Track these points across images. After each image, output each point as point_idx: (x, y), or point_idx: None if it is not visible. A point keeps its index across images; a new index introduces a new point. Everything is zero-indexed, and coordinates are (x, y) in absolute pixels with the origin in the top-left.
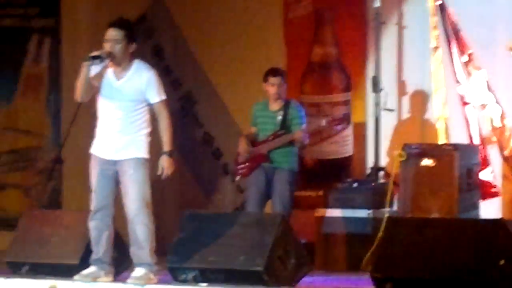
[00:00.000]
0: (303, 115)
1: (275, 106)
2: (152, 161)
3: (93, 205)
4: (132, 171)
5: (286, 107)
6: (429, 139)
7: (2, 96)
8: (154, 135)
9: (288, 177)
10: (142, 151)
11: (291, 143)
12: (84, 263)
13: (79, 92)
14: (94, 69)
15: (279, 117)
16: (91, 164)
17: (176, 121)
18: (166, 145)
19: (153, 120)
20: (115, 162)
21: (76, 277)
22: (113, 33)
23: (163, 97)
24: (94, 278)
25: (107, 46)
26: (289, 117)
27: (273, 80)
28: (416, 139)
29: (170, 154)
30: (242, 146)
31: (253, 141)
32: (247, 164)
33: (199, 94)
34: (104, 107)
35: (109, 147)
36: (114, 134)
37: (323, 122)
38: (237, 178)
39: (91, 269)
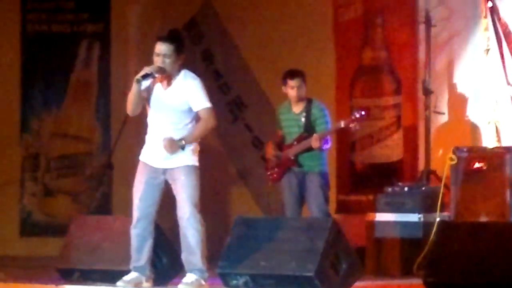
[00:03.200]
0: (326, 114)
1: (297, 107)
2: (201, 170)
3: (136, 212)
4: (184, 178)
5: (308, 107)
6: (480, 142)
7: (52, 102)
8: (201, 142)
9: (320, 181)
10: (191, 159)
11: None
12: None
13: (130, 107)
14: (145, 83)
15: (303, 119)
16: (138, 171)
17: (226, 125)
18: (186, 137)
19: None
20: (164, 171)
21: (118, 283)
22: (163, 48)
23: (208, 104)
24: (136, 284)
25: (158, 61)
26: (312, 118)
27: (292, 82)
28: (467, 142)
29: (182, 146)
30: (269, 152)
31: (281, 145)
32: (276, 169)
33: (248, 98)
34: (153, 115)
35: (159, 155)
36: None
37: (341, 123)
38: (269, 184)
39: (133, 275)
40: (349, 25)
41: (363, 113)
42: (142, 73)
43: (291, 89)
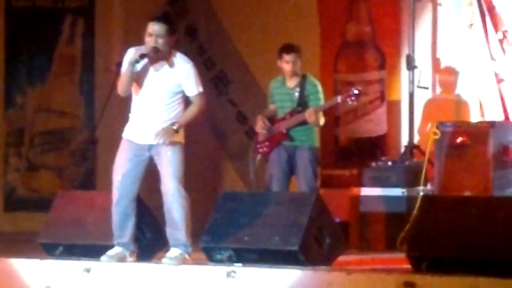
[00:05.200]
0: (320, 90)
1: (291, 82)
2: (186, 145)
3: (118, 190)
4: (170, 153)
5: (302, 83)
6: (464, 117)
7: (35, 77)
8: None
9: (309, 156)
10: (178, 136)
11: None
12: None
13: (122, 88)
14: (140, 65)
15: (296, 94)
16: (121, 148)
17: (210, 101)
18: (181, 120)
19: (185, 104)
20: (150, 147)
21: (102, 258)
22: (156, 28)
23: (200, 89)
24: (120, 259)
25: (150, 41)
26: (306, 93)
27: (287, 57)
28: (451, 117)
29: (176, 129)
30: (259, 125)
31: (272, 119)
32: (266, 143)
33: (232, 73)
34: (141, 94)
35: (145, 132)
36: (150, 120)
37: (338, 98)
38: (258, 157)
39: (117, 249)
40: None
41: (359, 89)
42: (137, 54)
43: (286, 63)
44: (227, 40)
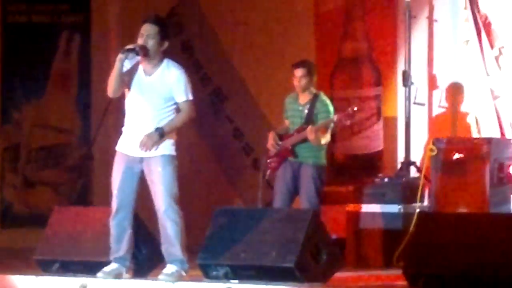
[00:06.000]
0: (329, 110)
1: (303, 99)
2: (183, 161)
3: (115, 203)
4: (161, 169)
5: (313, 100)
6: (460, 133)
7: (32, 93)
8: (181, 132)
9: (313, 173)
10: (169, 148)
11: None
12: None
13: (111, 87)
14: (127, 64)
15: (306, 111)
16: (115, 161)
17: (206, 117)
18: (165, 125)
19: None
20: (141, 160)
21: (99, 274)
22: (147, 28)
23: (190, 97)
24: (116, 275)
25: (141, 41)
26: (316, 111)
27: (295, 72)
28: (447, 133)
29: (160, 133)
30: (269, 141)
31: (282, 135)
32: (275, 158)
33: (229, 89)
34: (132, 103)
35: (136, 144)
36: (141, 130)
37: (334, 117)
38: (268, 172)
39: (113, 266)
40: (329, 16)
41: (355, 108)
42: (124, 48)
43: (295, 79)
44: (224, 56)
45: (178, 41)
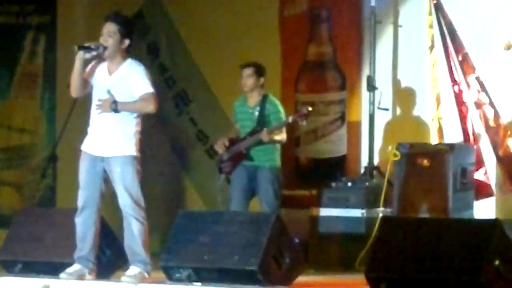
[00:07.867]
0: (280, 110)
1: (252, 101)
2: (146, 163)
3: (80, 202)
4: (120, 169)
5: (263, 102)
6: (424, 139)
7: None
8: (145, 134)
9: (270, 176)
10: (131, 149)
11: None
12: None
13: (73, 86)
14: (87, 63)
15: (256, 113)
16: (80, 160)
17: (170, 119)
18: (122, 102)
19: (144, 119)
20: (102, 159)
21: (61, 275)
22: (107, 26)
23: (150, 89)
24: (79, 276)
25: (101, 40)
26: (266, 112)
27: (242, 72)
28: (411, 139)
29: (115, 102)
30: (219, 145)
31: (233, 139)
32: (229, 162)
33: (193, 92)
34: (95, 103)
35: (98, 144)
36: (103, 130)
37: (289, 119)
38: (222, 176)
39: (76, 267)
40: (294, 20)
41: (310, 108)
42: (81, 45)
43: (242, 79)
44: (189, 59)
45: (144, 43)
